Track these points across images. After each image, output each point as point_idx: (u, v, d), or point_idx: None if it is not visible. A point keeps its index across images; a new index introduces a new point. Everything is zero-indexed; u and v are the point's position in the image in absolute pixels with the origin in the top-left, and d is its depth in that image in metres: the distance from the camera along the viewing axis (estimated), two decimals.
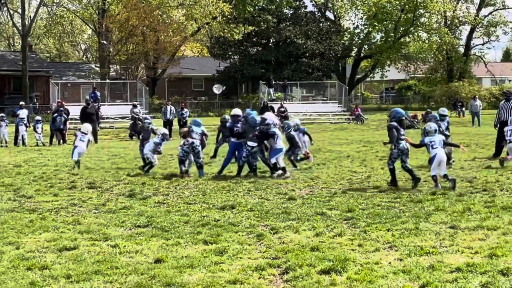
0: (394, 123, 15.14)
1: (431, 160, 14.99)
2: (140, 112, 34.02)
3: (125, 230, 10.65)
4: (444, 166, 14.67)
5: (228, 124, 19.94)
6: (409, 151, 15.17)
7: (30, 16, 63.31)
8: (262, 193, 14.24)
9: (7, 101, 54.10)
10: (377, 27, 66.25)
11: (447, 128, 18.88)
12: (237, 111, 19.78)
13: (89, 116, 30.32)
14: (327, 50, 65.21)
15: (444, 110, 19.64)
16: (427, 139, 14.81)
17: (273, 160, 17.00)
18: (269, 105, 42.75)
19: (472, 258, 8.53)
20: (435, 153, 14.56)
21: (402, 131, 15.13)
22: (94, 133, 30.58)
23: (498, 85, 75.07)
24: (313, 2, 70.66)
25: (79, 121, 32.65)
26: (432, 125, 15.13)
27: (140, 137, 19.43)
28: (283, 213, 11.80)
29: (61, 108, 30.74)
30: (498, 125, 21.28)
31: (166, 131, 19.05)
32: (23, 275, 8.02)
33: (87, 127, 20.70)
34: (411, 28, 65.68)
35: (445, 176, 14.51)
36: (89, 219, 11.54)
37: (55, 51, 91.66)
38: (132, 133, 27.08)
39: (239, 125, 18.45)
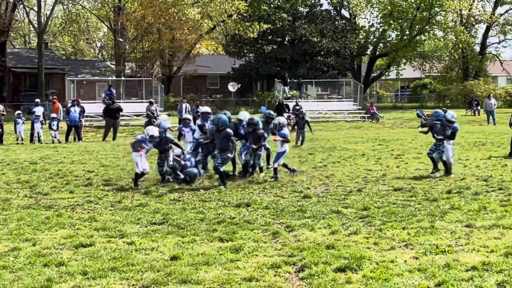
0: (261, 131, 16.35)
1: (278, 154, 16.17)
2: (156, 110, 34.02)
3: (141, 227, 10.71)
4: None
5: (198, 121, 18.98)
6: None
7: (46, 14, 63.49)
8: (277, 191, 14.26)
9: (23, 98, 54.44)
10: (392, 25, 65.91)
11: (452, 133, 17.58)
12: (206, 108, 19.69)
13: (114, 113, 30.46)
14: (343, 48, 65.05)
15: (453, 116, 18.11)
16: (286, 132, 16.57)
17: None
18: (284, 103, 42.66)
19: (488, 256, 8.52)
20: (286, 149, 16.26)
21: (266, 135, 16.74)
22: (115, 131, 30.67)
23: None
24: (329, 0, 70.66)
25: (101, 117, 33.21)
26: (282, 120, 16.92)
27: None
28: (299, 211, 11.82)
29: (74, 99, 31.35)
30: None
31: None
32: (39, 272, 8.09)
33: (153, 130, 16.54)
34: (427, 27, 65.27)
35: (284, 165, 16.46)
36: (105, 216, 11.61)
37: (70, 48, 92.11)
38: None
39: (208, 122, 18.20)
